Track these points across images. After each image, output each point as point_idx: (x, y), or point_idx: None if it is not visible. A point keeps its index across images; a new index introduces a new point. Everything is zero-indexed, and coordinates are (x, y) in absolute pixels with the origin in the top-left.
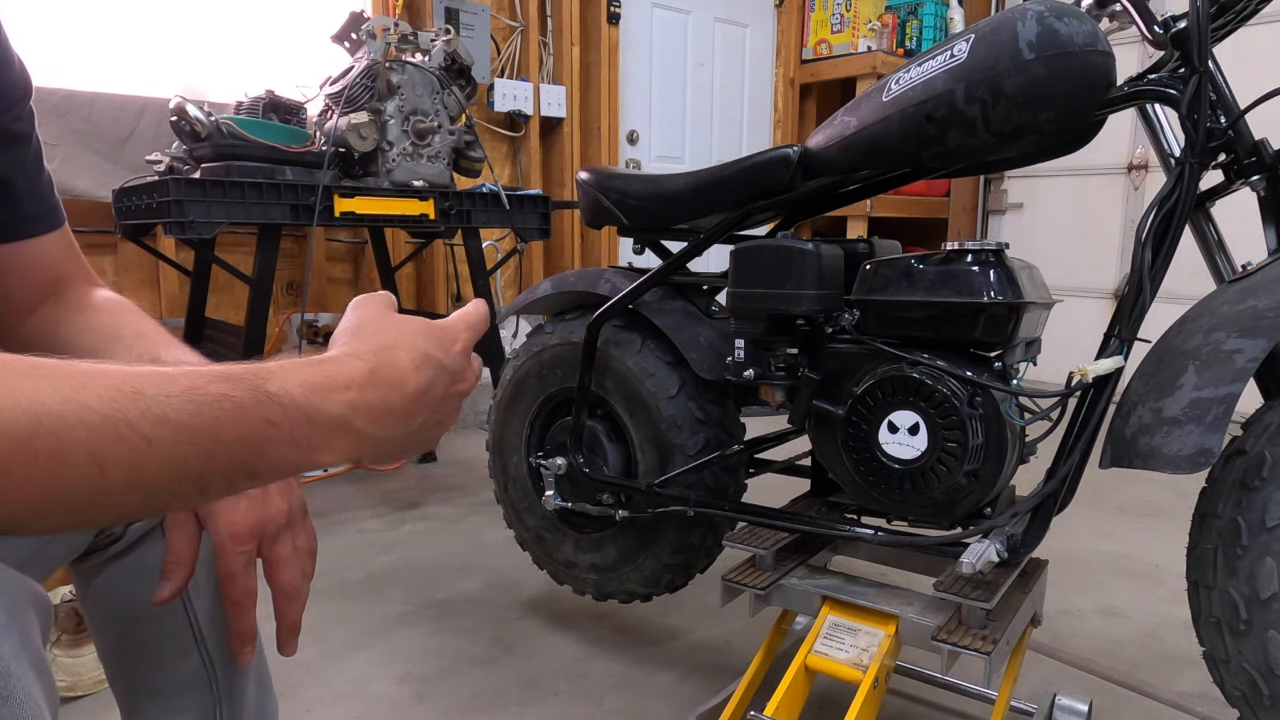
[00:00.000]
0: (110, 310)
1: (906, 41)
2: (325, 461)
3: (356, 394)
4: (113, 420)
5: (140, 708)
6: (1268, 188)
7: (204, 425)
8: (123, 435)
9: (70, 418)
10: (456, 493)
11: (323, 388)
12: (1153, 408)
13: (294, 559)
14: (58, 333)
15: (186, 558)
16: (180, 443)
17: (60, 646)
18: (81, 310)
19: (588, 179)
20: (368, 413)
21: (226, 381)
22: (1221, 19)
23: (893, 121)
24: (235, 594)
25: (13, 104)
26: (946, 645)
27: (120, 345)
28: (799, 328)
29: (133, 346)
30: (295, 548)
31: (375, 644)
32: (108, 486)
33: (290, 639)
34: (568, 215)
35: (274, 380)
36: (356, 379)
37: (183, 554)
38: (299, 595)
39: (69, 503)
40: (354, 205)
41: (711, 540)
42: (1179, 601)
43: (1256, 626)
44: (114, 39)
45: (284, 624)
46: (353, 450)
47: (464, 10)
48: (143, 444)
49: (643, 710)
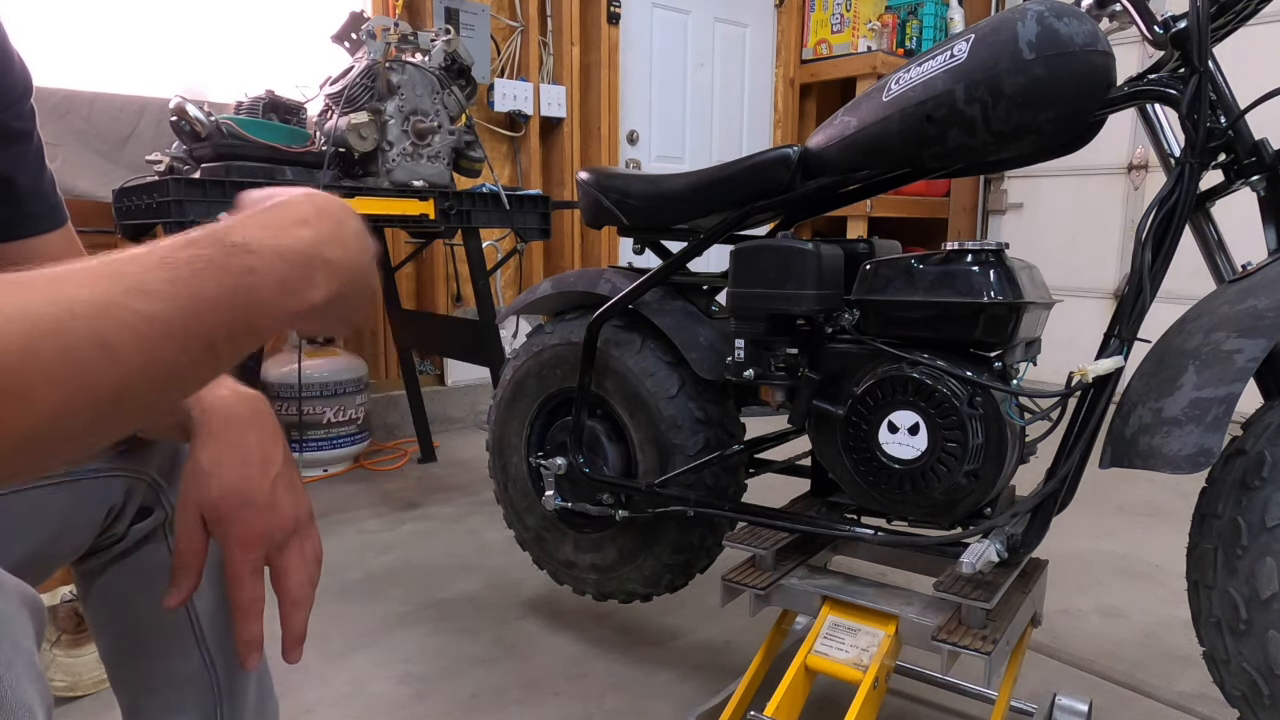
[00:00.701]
0: None
1: (906, 41)
2: (315, 298)
3: (314, 226)
4: (104, 305)
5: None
6: (1268, 188)
7: (188, 289)
8: (118, 316)
9: (63, 314)
10: (456, 493)
11: (282, 226)
12: (1153, 408)
13: (301, 566)
14: None
15: (195, 564)
16: (173, 310)
17: (60, 646)
18: None
19: (588, 179)
20: (330, 241)
21: (193, 245)
22: (1221, 19)
23: (893, 121)
24: (243, 601)
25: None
26: (946, 645)
27: None
28: (799, 328)
29: None
30: (302, 555)
31: (375, 644)
32: (124, 373)
33: (295, 646)
34: (568, 215)
35: (235, 232)
36: (309, 214)
37: (191, 560)
38: (305, 602)
39: (94, 398)
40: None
41: (711, 540)
42: (1179, 601)
43: (1256, 626)
44: (114, 39)
45: (289, 631)
46: (333, 281)
47: (464, 10)
48: (139, 321)
49: (643, 710)
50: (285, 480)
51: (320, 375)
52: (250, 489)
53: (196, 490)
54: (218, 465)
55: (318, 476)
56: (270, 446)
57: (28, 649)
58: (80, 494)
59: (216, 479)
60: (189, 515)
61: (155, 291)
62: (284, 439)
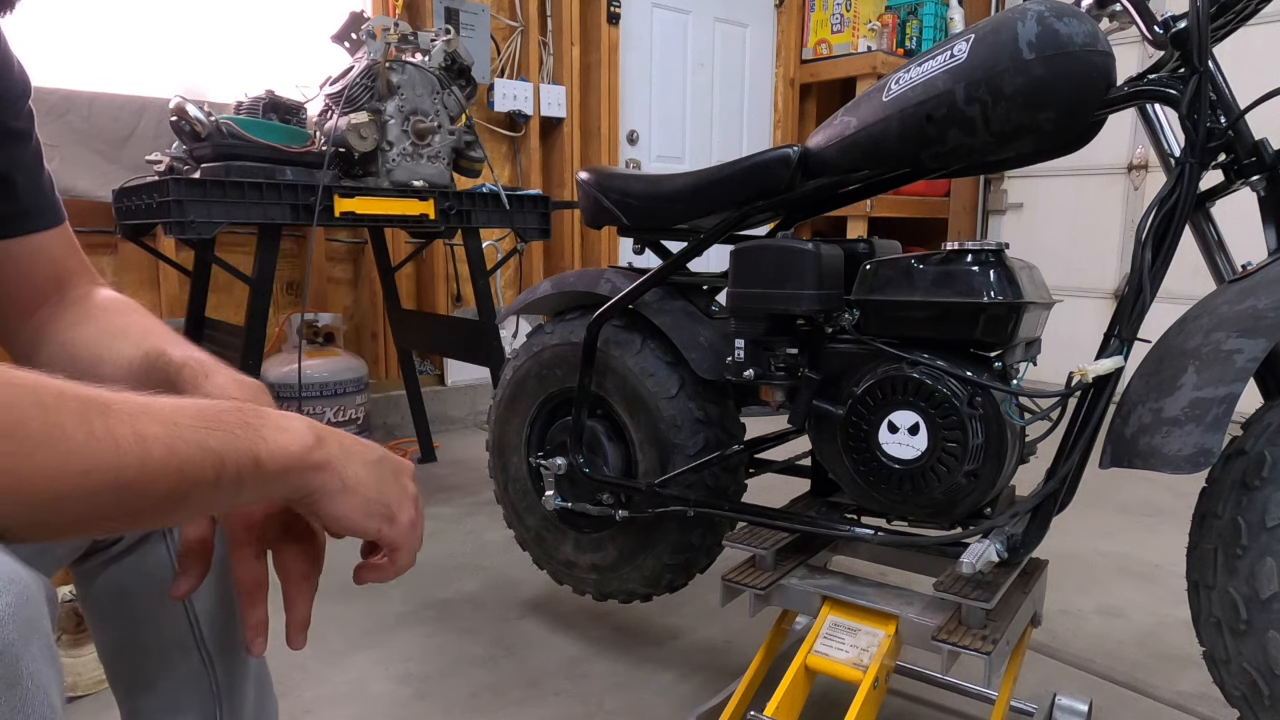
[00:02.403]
0: (116, 310)
1: (906, 41)
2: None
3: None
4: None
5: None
6: (1268, 188)
7: (168, 468)
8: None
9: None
10: (456, 493)
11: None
12: (1153, 408)
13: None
14: (62, 334)
15: (200, 551)
16: (145, 479)
17: (60, 646)
18: (86, 311)
19: (588, 179)
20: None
21: (220, 430)
22: (1221, 19)
23: (893, 121)
24: (247, 584)
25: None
26: (946, 645)
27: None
28: (799, 328)
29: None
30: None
31: (375, 644)
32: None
33: (300, 631)
34: (568, 215)
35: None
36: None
37: (196, 547)
38: (309, 586)
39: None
40: (354, 205)
41: (711, 540)
42: (1179, 601)
43: (1256, 626)
44: (114, 39)
45: (294, 616)
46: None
47: (464, 10)
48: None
49: (643, 710)
50: None
51: (320, 375)
52: None
53: None
54: None
55: None
56: None
57: (45, 630)
58: None
59: None
60: None
61: (144, 463)
62: None
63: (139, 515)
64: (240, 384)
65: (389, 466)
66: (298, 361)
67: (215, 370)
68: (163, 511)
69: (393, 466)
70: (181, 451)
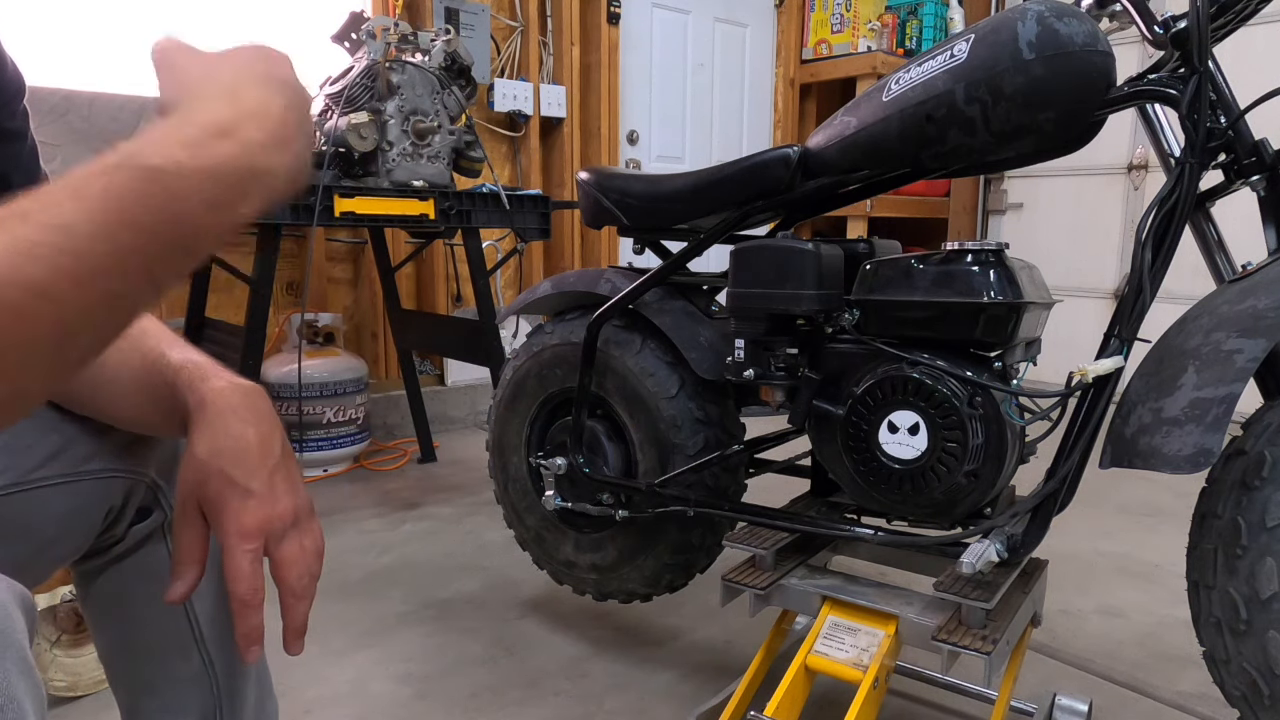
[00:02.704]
0: None
1: (906, 41)
2: (248, 212)
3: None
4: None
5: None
6: (1268, 188)
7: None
8: (37, 255)
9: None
10: (456, 493)
11: (203, 143)
12: (1153, 408)
13: (301, 558)
14: None
15: (195, 556)
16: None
17: (60, 646)
18: None
19: (588, 179)
20: (260, 146)
21: (105, 174)
22: (1221, 19)
23: (893, 121)
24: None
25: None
26: (946, 645)
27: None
28: (799, 328)
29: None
30: (302, 547)
31: (375, 644)
32: (65, 313)
33: (296, 639)
34: (568, 215)
35: (153, 153)
36: (230, 119)
37: (191, 553)
38: (306, 594)
39: (39, 343)
40: (354, 205)
41: (711, 540)
42: (1179, 601)
43: (1256, 626)
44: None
45: (290, 623)
46: (266, 190)
47: (464, 10)
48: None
49: (643, 710)
50: (284, 472)
51: (320, 375)
52: (248, 479)
53: (194, 481)
54: (215, 456)
55: (318, 476)
56: (268, 438)
57: (19, 644)
58: (79, 495)
59: (214, 470)
60: (187, 507)
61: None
62: (282, 431)
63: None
64: (238, 387)
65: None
66: (298, 361)
67: (213, 373)
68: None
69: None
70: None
